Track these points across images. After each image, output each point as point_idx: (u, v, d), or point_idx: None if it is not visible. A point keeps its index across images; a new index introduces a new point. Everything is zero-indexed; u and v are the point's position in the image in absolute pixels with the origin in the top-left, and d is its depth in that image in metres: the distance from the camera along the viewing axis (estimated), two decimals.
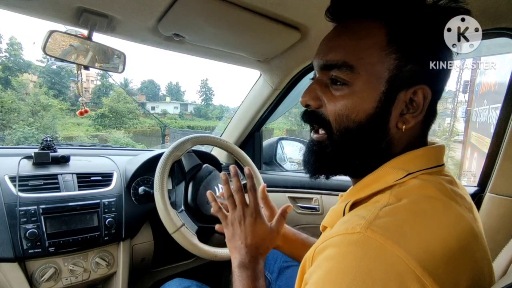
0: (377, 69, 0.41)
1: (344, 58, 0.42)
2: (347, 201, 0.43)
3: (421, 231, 0.34)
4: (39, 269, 0.89)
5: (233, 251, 0.63)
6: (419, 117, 0.42)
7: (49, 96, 13.33)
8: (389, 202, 0.37)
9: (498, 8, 0.74)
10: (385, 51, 0.41)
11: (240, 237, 0.62)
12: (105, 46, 0.86)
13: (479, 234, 0.40)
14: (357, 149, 0.44)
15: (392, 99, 0.41)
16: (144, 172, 1.13)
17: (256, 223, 0.62)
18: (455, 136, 7.65)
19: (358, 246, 0.33)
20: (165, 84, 33.47)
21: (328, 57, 0.44)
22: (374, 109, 0.42)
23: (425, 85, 0.41)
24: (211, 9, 0.76)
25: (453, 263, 0.34)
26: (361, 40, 0.41)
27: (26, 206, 0.89)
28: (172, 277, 0.91)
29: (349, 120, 0.42)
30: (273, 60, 1.15)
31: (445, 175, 0.44)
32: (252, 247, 0.61)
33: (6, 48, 14.98)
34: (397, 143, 0.44)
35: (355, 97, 0.42)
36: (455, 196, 0.41)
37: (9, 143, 9.49)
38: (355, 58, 0.41)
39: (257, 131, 1.52)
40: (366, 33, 0.42)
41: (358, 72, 0.41)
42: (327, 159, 0.46)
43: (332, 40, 0.45)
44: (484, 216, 0.96)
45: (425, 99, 0.42)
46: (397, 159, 0.43)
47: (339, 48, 0.43)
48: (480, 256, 0.39)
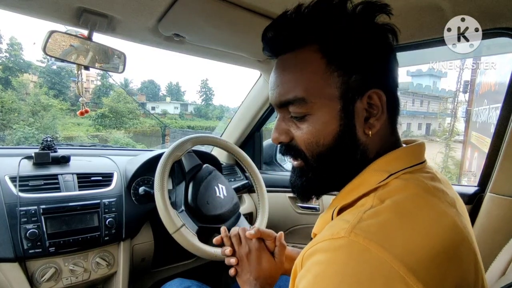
0: (327, 92, 0.43)
1: (294, 94, 0.44)
2: (334, 207, 0.44)
3: (404, 231, 0.35)
4: (40, 269, 0.89)
5: (243, 286, 0.66)
6: (382, 118, 0.44)
7: (50, 96, 13.32)
8: (373, 205, 0.38)
9: (498, 8, 0.74)
10: (327, 73, 0.42)
11: (249, 271, 0.65)
12: (105, 46, 0.86)
13: (463, 229, 0.40)
14: (335, 168, 0.46)
15: (351, 112, 0.43)
16: (144, 172, 1.13)
17: (261, 256, 0.66)
18: (455, 136, 7.64)
19: (342, 250, 0.34)
20: (165, 84, 33.46)
21: (280, 97, 0.46)
22: (338, 127, 0.43)
23: (375, 88, 0.43)
24: (211, 9, 0.76)
25: (437, 262, 0.34)
26: (302, 72, 0.43)
27: (26, 206, 0.89)
28: (172, 277, 0.91)
29: (318, 145, 0.44)
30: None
31: (427, 172, 0.45)
32: (260, 279, 0.64)
33: (7, 49, 14.97)
34: (371, 147, 0.45)
35: (317, 123, 0.44)
36: (437, 192, 0.42)
37: (9, 143, 9.49)
38: (303, 90, 0.43)
39: (257, 131, 1.52)
40: (304, 63, 0.43)
41: (311, 101, 0.43)
42: (310, 183, 0.48)
43: (278, 78, 0.46)
44: (484, 216, 0.96)
45: (381, 100, 0.43)
46: (378, 162, 0.44)
47: (285, 85, 0.45)
48: (466, 251, 0.39)
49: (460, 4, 0.72)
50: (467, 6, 0.73)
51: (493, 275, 0.71)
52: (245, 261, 0.66)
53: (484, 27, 0.74)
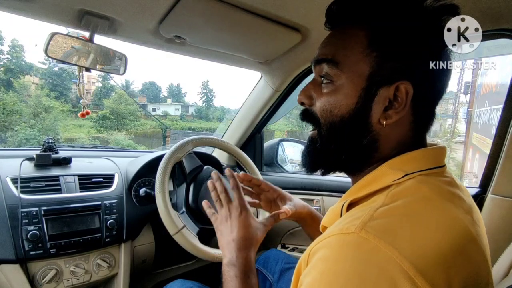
0: (358, 67, 0.44)
1: (333, 53, 0.46)
2: (345, 200, 0.44)
3: (415, 233, 0.35)
4: (41, 270, 0.89)
5: (223, 250, 0.63)
6: (401, 113, 0.43)
7: (51, 98, 13.37)
8: (385, 203, 0.38)
9: (499, 9, 0.74)
10: (366, 50, 0.44)
11: (228, 233, 0.63)
12: (106, 48, 0.86)
13: (476, 237, 0.39)
14: (341, 144, 0.47)
15: (373, 95, 0.44)
16: (145, 173, 1.13)
17: (241, 216, 0.64)
18: (456, 137, 7.63)
19: (351, 247, 0.34)
20: (166, 85, 33.55)
21: (321, 52, 0.48)
22: (355, 104, 0.44)
23: (406, 81, 0.43)
24: (212, 11, 0.76)
25: (446, 265, 0.34)
26: (346, 41, 0.46)
27: (27, 208, 0.89)
28: (173, 278, 0.91)
29: (332, 115, 0.46)
30: (274, 61, 1.16)
31: (445, 177, 0.44)
32: (239, 239, 0.62)
33: (8, 50, 15.05)
34: (384, 141, 0.45)
35: (338, 93, 0.45)
36: (452, 198, 0.41)
37: (11, 144, 9.51)
38: (341, 55, 0.45)
39: (258, 132, 1.52)
40: (350, 35, 0.46)
41: (342, 69, 0.45)
42: (317, 154, 0.50)
43: (325, 41, 0.50)
44: (486, 217, 0.95)
45: (407, 95, 0.43)
46: (394, 160, 0.44)
47: (329, 46, 0.48)
48: (477, 259, 0.39)
49: (461, 5, 0.72)
50: (467, 7, 0.73)
51: (496, 276, 0.71)
52: (224, 224, 0.65)
53: (484, 28, 0.74)
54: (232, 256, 0.60)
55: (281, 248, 1.39)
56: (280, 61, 1.14)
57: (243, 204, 0.66)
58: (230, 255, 0.61)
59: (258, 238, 0.65)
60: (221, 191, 0.69)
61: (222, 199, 0.68)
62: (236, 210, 0.65)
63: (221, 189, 0.69)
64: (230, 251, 0.61)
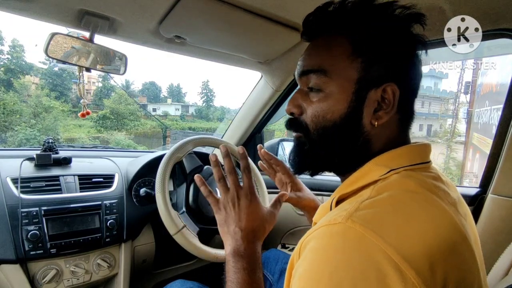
0: (347, 73, 0.46)
1: (319, 64, 0.48)
2: (334, 197, 0.46)
3: (400, 223, 0.36)
4: (41, 270, 0.89)
5: (226, 238, 0.58)
6: (391, 113, 0.46)
7: (51, 98, 13.35)
8: (371, 196, 0.40)
9: (499, 9, 0.74)
10: (351, 57, 0.46)
11: (235, 221, 0.57)
12: (106, 48, 0.86)
13: (461, 228, 0.40)
14: (334, 146, 0.48)
15: (363, 98, 0.46)
16: (145, 173, 1.13)
17: (251, 205, 0.58)
18: (456, 137, 7.62)
19: (339, 236, 0.36)
20: (166, 85, 33.53)
21: (306, 64, 0.50)
22: (347, 108, 0.46)
23: (392, 83, 0.45)
24: (212, 11, 0.76)
25: (431, 255, 0.34)
26: (331, 50, 0.48)
27: (28, 208, 0.89)
28: (174, 278, 0.91)
29: (325, 120, 0.47)
30: (274, 61, 1.16)
31: (430, 172, 0.46)
32: (248, 230, 0.57)
33: (8, 50, 15.04)
34: (375, 141, 0.47)
35: (329, 99, 0.47)
36: (437, 191, 0.42)
37: (11, 144, 9.51)
38: (328, 64, 0.47)
39: (258, 132, 1.52)
40: (335, 44, 0.48)
41: (331, 77, 0.46)
42: (305, 155, 0.51)
43: (307, 51, 0.51)
44: (486, 217, 0.95)
45: (394, 96, 0.45)
46: (380, 157, 0.46)
47: (313, 57, 0.49)
48: (465, 251, 0.39)
49: (461, 5, 0.72)
50: (467, 7, 0.73)
51: (495, 276, 0.71)
52: (230, 209, 0.59)
53: (484, 28, 0.74)
54: (239, 246, 0.55)
55: (281, 248, 1.39)
56: (280, 61, 1.14)
57: (253, 191, 0.60)
58: (236, 244, 0.56)
59: (266, 229, 0.61)
60: (229, 171, 0.60)
61: (231, 181, 0.60)
62: (246, 197, 0.58)
63: (230, 168, 0.60)
64: (237, 240, 0.56)
